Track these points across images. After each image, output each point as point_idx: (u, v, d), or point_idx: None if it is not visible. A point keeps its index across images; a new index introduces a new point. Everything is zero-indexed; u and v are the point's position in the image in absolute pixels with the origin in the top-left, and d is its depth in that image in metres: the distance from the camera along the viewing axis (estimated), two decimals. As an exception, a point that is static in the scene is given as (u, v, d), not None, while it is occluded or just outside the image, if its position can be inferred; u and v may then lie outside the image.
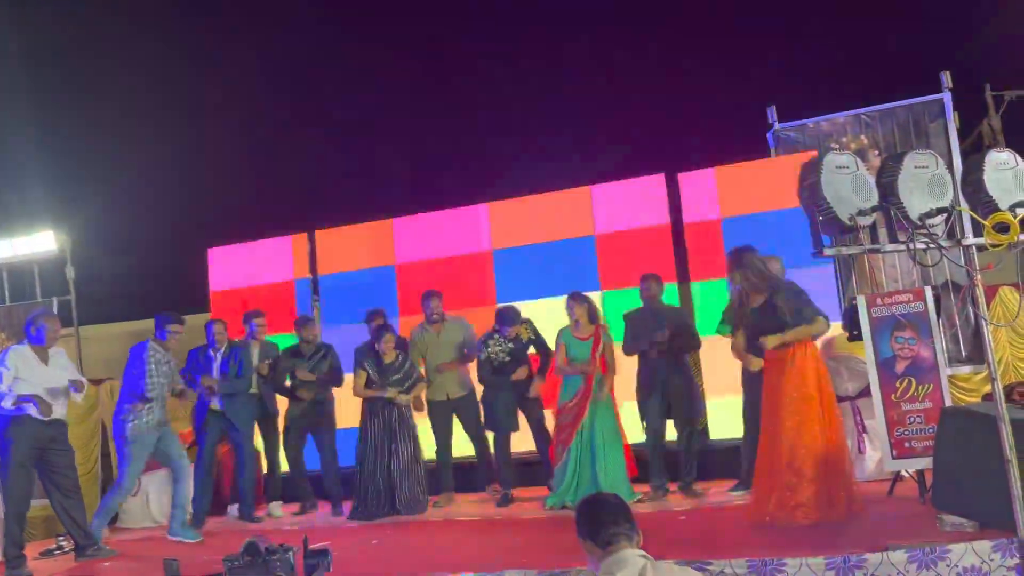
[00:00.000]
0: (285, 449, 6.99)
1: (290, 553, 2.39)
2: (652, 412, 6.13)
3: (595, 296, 7.19)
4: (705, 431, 6.85)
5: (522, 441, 6.69)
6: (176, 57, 11.70)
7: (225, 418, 6.62)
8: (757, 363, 5.21)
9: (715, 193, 7.21)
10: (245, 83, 11.22)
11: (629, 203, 7.42)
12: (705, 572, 3.88)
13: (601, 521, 2.49)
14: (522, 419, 6.61)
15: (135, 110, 11.21)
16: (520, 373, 6.46)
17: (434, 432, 6.76)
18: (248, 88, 11.25)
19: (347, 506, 6.57)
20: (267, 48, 11.44)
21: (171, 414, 6.44)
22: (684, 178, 7.31)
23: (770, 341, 4.85)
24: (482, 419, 6.71)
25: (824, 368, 4.95)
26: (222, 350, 6.65)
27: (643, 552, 2.45)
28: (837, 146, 6.99)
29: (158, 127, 10.92)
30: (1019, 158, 3.37)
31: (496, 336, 6.51)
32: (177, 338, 6.13)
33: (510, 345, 6.49)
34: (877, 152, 6.94)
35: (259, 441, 7.09)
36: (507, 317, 6.49)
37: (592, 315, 6.18)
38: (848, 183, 3.22)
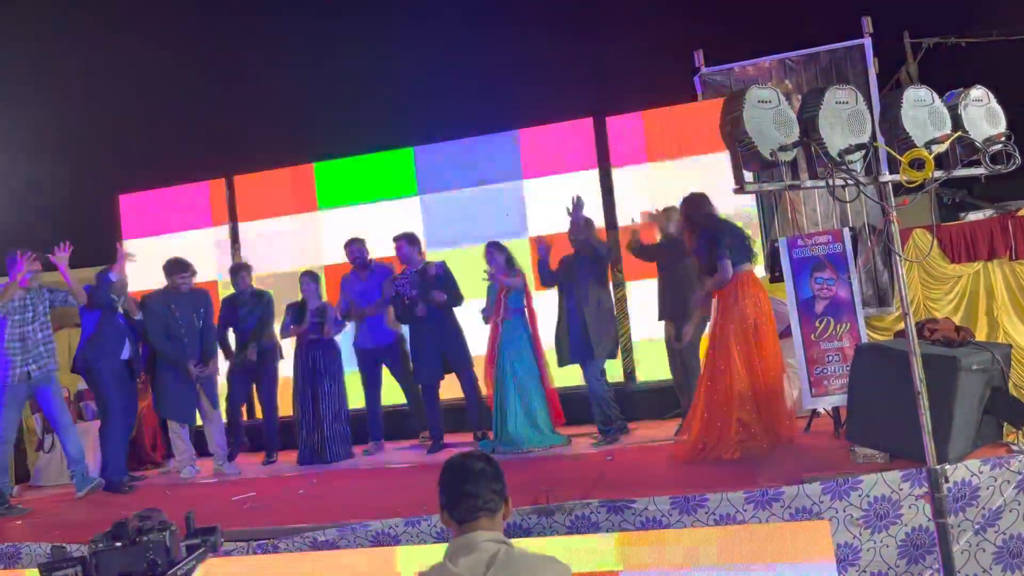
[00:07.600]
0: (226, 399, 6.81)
1: (166, 533, 2.10)
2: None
3: (522, 243, 7.14)
4: (632, 374, 6.96)
5: (454, 388, 6.63)
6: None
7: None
8: None
9: (643, 137, 7.20)
10: (157, 19, 10.62)
11: (557, 147, 7.35)
12: (630, 510, 3.95)
13: (457, 492, 2.17)
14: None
15: (37, 44, 10.50)
16: (435, 298, 6.27)
17: (362, 380, 6.68)
18: (160, 24, 10.65)
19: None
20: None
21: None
22: (612, 122, 7.27)
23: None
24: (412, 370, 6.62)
25: (767, 303, 5.11)
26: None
27: (498, 536, 2.16)
28: (761, 86, 7.05)
29: (63, 62, 10.24)
30: (936, 96, 3.42)
31: (403, 271, 6.45)
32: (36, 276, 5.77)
33: (417, 278, 6.39)
34: (800, 96, 7.01)
35: None
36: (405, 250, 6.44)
37: (509, 262, 6.16)
38: (770, 117, 3.22)
